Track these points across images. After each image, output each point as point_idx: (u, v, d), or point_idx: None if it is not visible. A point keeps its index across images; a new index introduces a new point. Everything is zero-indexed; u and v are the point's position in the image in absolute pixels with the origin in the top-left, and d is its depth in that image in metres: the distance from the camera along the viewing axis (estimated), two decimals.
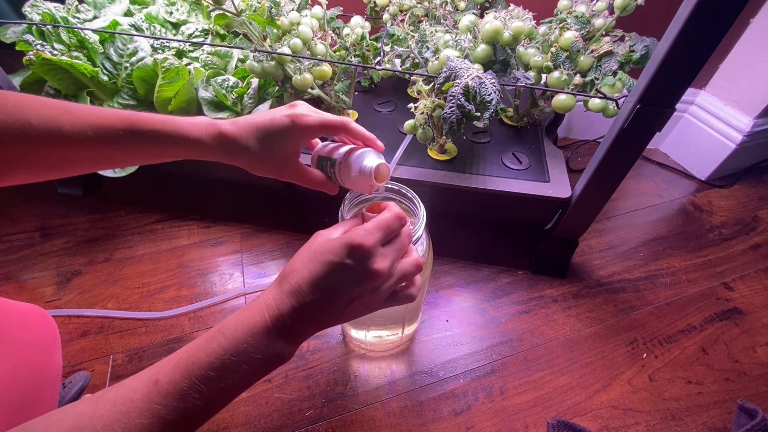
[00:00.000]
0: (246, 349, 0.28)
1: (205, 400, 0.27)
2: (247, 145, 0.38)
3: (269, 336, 0.29)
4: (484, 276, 0.77)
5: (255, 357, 0.29)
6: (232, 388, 0.28)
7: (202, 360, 0.28)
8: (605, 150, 0.58)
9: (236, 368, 0.28)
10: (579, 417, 0.59)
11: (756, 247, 0.85)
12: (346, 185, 0.42)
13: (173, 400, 0.26)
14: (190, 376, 0.27)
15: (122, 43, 0.70)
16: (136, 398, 0.26)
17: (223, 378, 0.28)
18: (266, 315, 0.30)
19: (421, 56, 0.70)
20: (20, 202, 0.87)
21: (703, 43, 0.45)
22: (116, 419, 0.25)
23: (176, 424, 0.26)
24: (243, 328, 0.29)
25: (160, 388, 0.27)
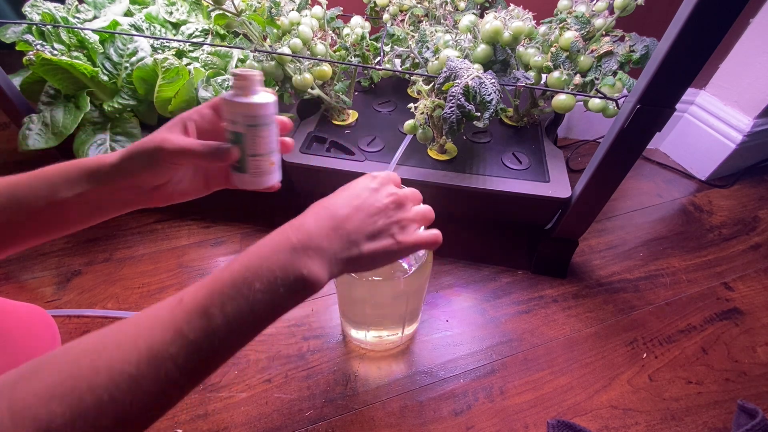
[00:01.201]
0: (268, 266, 0.28)
1: (228, 322, 0.26)
2: (127, 168, 0.34)
3: (293, 252, 0.29)
4: (484, 276, 0.77)
5: (277, 275, 0.28)
6: (256, 312, 0.27)
7: (225, 278, 0.27)
8: (605, 150, 0.58)
9: (259, 287, 0.27)
10: (579, 417, 0.59)
11: (756, 247, 0.85)
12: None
13: (196, 317, 0.26)
14: (212, 294, 0.27)
15: (122, 43, 0.70)
16: (160, 315, 0.26)
17: (245, 296, 0.27)
18: (289, 232, 0.30)
19: (421, 56, 0.70)
20: None
21: (703, 43, 0.45)
22: (140, 334, 0.25)
23: (199, 345, 0.26)
24: (265, 247, 0.29)
25: (183, 305, 0.27)
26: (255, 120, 0.35)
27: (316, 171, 0.71)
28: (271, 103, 0.36)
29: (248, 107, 0.34)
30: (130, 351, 0.24)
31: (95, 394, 0.23)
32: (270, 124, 0.36)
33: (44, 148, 0.69)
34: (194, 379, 0.26)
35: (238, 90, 0.35)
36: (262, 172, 0.38)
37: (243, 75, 0.34)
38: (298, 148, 0.73)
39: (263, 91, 0.36)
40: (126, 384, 0.23)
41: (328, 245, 0.30)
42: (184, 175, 0.38)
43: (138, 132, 0.72)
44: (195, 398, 0.59)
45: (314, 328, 0.68)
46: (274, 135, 0.37)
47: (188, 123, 0.36)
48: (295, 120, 0.80)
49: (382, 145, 0.75)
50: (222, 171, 0.40)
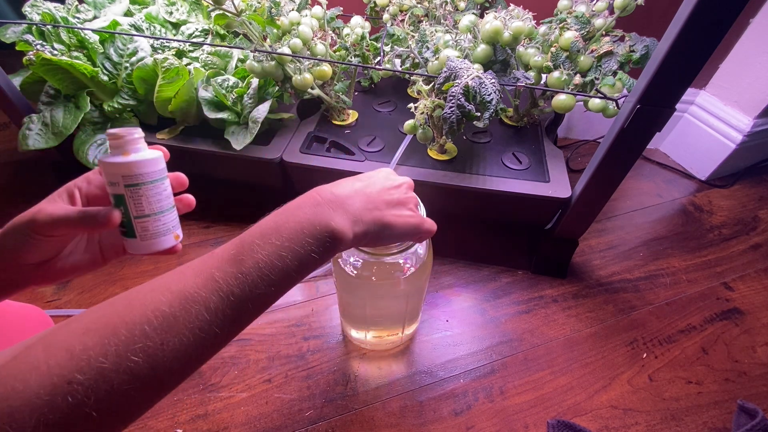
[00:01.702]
0: (296, 218, 0.30)
1: (259, 268, 0.27)
2: (4, 247, 0.31)
3: (318, 206, 0.31)
4: (484, 276, 0.77)
5: (305, 226, 0.29)
6: (285, 262, 0.28)
7: (255, 231, 0.29)
8: (605, 150, 0.58)
9: (287, 236, 0.29)
10: (579, 417, 0.59)
11: (756, 247, 0.85)
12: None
13: (227, 264, 0.27)
14: (243, 244, 0.28)
15: (122, 43, 0.70)
16: (192, 265, 0.27)
17: (275, 245, 0.28)
18: (313, 193, 0.33)
19: (421, 56, 0.70)
20: (20, 202, 0.87)
21: (703, 43, 0.45)
22: (173, 279, 0.26)
23: (231, 291, 0.26)
24: (292, 204, 0.32)
25: (214, 255, 0.28)
26: (134, 180, 0.32)
27: (316, 171, 0.71)
28: (154, 160, 0.33)
29: (125, 167, 0.32)
30: (163, 292, 0.25)
31: (129, 328, 0.23)
32: (155, 182, 0.34)
33: (44, 148, 0.69)
34: (227, 327, 0.26)
35: (114, 150, 0.33)
36: (153, 235, 0.35)
37: (116, 134, 0.32)
38: (298, 148, 0.73)
39: (144, 147, 0.34)
40: (158, 321, 0.24)
41: (352, 203, 0.33)
42: (76, 247, 0.36)
43: None
44: (195, 398, 0.59)
45: (314, 328, 0.68)
46: (164, 192, 0.35)
47: (74, 190, 0.34)
48: (295, 120, 0.80)
49: (382, 145, 0.75)
50: (117, 238, 0.37)
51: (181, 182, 0.38)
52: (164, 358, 0.24)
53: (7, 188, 0.90)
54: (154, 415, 0.58)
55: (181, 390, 0.60)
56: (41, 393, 0.21)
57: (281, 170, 0.75)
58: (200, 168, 0.82)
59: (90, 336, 0.23)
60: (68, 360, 0.22)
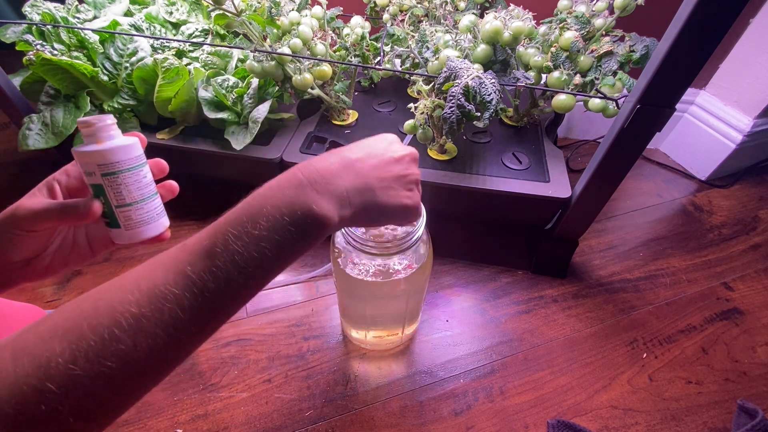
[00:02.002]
0: (274, 203, 0.26)
1: (234, 261, 0.25)
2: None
3: (300, 188, 0.27)
4: (484, 276, 0.77)
5: (284, 211, 0.26)
6: (263, 252, 0.25)
7: (230, 218, 0.26)
8: (605, 150, 0.58)
9: (264, 224, 0.26)
10: (579, 417, 0.59)
11: (756, 247, 0.85)
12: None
13: (199, 258, 0.25)
14: (216, 234, 0.25)
15: (122, 43, 0.70)
16: (163, 259, 0.25)
17: (250, 235, 0.25)
18: (296, 170, 0.28)
19: (421, 56, 0.70)
20: None
21: (703, 43, 0.45)
22: (142, 277, 0.25)
23: (204, 286, 0.24)
24: (272, 185, 0.28)
25: (186, 248, 0.26)
26: (111, 168, 0.31)
27: None
28: (129, 147, 0.32)
29: (99, 155, 0.31)
30: (131, 291, 0.24)
31: (96, 332, 0.22)
32: (133, 170, 0.32)
33: (44, 148, 0.69)
34: (203, 324, 0.25)
35: (87, 138, 0.32)
36: (138, 224, 0.34)
37: (87, 122, 0.31)
38: (298, 148, 0.73)
39: (118, 135, 0.33)
40: (128, 323, 0.22)
41: (339, 182, 0.29)
42: (63, 242, 0.35)
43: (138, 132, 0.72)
44: (195, 398, 0.59)
45: (314, 328, 0.68)
46: (144, 179, 0.34)
47: (54, 184, 0.33)
48: (295, 120, 0.80)
49: None
50: (105, 230, 0.35)
51: (161, 168, 0.37)
52: (139, 359, 0.23)
53: (7, 188, 0.90)
54: (154, 415, 0.58)
55: (181, 390, 0.60)
56: (12, 402, 0.20)
57: (281, 170, 0.74)
58: (200, 168, 0.82)
59: (57, 342, 0.22)
60: (36, 368, 0.21)
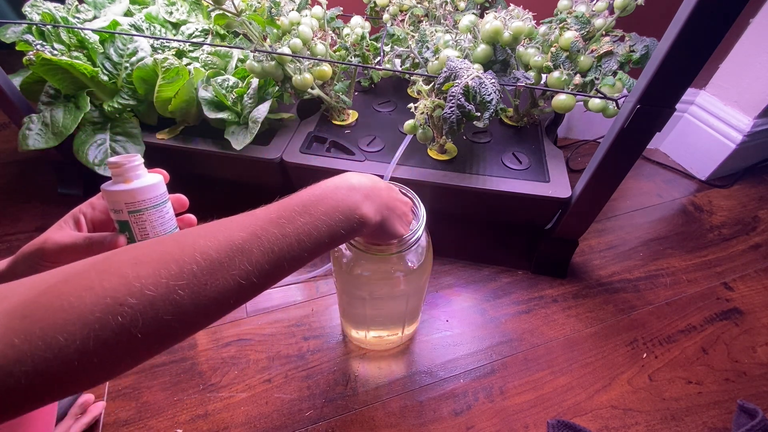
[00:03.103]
0: (332, 197, 0.33)
1: (297, 233, 0.30)
2: (14, 274, 0.34)
3: (352, 190, 0.34)
4: (484, 276, 0.77)
5: (338, 206, 0.32)
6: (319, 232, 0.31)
7: (294, 201, 0.32)
8: (605, 150, 0.58)
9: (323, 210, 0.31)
10: (579, 417, 0.59)
11: (756, 247, 0.85)
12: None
13: (269, 224, 0.29)
14: (284, 210, 0.30)
15: (122, 43, 0.70)
16: (236, 220, 0.29)
17: (312, 215, 0.31)
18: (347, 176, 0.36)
19: (421, 56, 0.70)
20: (20, 202, 0.87)
21: (703, 43, 0.45)
22: (220, 230, 0.28)
23: (271, 248, 0.28)
24: (329, 183, 0.34)
25: (256, 215, 0.30)
26: (138, 206, 0.34)
27: (316, 171, 0.71)
28: (155, 185, 0.34)
29: (128, 194, 0.33)
30: (210, 239, 0.27)
31: (178, 265, 0.25)
32: (157, 207, 0.35)
33: (44, 148, 0.69)
34: (263, 279, 0.28)
35: (116, 177, 0.34)
36: None
37: (117, 162, 0.33)
38: (298, 148, 0.73)
39: (145, 173, 0.35)
40: (206, 263, 0.26)
41: (378, 196, 0.37)
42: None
43: (138, 132, 0.72)
44: (195, 398, 0.59)
45: (314, 328, 0.68)
46: (167, 215, 0.36)
47: (80, 216, 0.36)
48: (295, 120, 0.80)
49: (382, 145, 0.75)
50: None
51: (182, 203, 0.40)
52: (206, 298, 0.25)
53: (7, 188, 0.90)
54: (154, 415, 0.58)
55: (181, 390, 0.60)
56: (95, 310, 0.22)
57: (281, 170, 0.75)
58: (200, 168, 0.82)
59: (142, 266, 0.24)
60: (122, 285, 0.23)
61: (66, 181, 0.88)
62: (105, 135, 0.71)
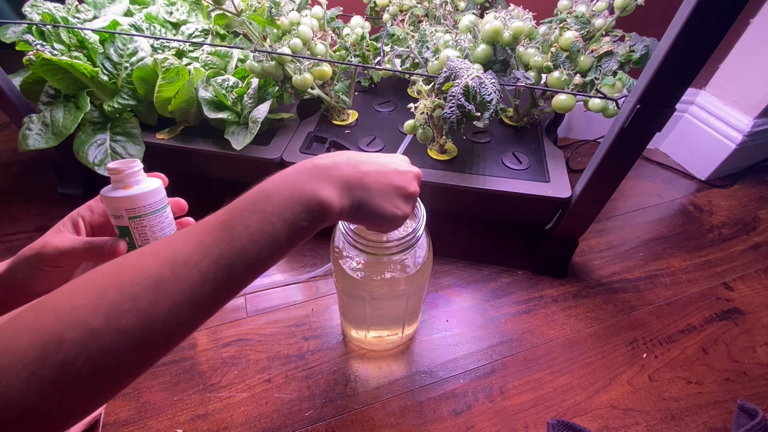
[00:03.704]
0: (286, 186, 0.29)
1: (249, 233, 0.27)
2: (13, 278, 0.33)
3: (309, 174, 0.30)
4: (484, 276, 0.77)
5: (294, 194, 0.29)
6: (275, 229, 0.28)
7: (245, 198, 0.29)
8: (605, 150, 0.58)
9: (277, 202, 0.28)
10: (579, 417, 0.59)
11: (756, 247, 0.85)
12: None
13: (217, 229, 0.27)
14: (233, 211, 0.28)
15: (122, 43, 0.70)
16: (182, 232, 0.27)
17: (265, 212, 0.28)
18: (305, 161, 0.32)
19: (421, 56, 0.70)
20: (20, 202, 0.87)
21: (703, 43, 0.45)
22: (162, 245, 0.26)
23: (221, 254, 0.26)
24: (283, 172, 0.31)
25: (203, 222, 0.28)
26: (138, 212, 0.34)
27: None
28: (155, 191, 0.34)
29: (128, 201, 0.33)
30: (152, 258, 0.25)
31: (118, 289, 0.23)
32: (157, 212, 0.35)
33: (44, 148, 0.69)
34: (218, 290, 0.26)
35: (115, 183, 0.34)
36: None
37: (116, 168, 0.33)
38: (298, 148, 0.73)
39: (144, 179, 0.35)
40: (149, 282, 0.24)
41: (340, 174, 0.32)
42: (83, 271, 0.37)
43: (138, 132, 0.72)
44: (195, 398, 0.59)
45: (314, 328, 0.68)
46: (167, 220, 0.36)
47: (78, 220, 0.35)
48: (295, 120, 0.80)
49: (382, 145, 0.75)
50: None
51: (181, 207, 0.39)
52: (156, 318, 0.24)
53: (7, 188, 0.90)
54: (154, 415, 0.58)
55: (181, 390, 0.60)
56: (32, 350, 0.21)
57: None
58: (200, 168, 0.82)
59: (78, 297, 0.23)
60: (57, 320, 0.22)
61: (66, 181, 0.88)
62: (105, 135, 0.71)
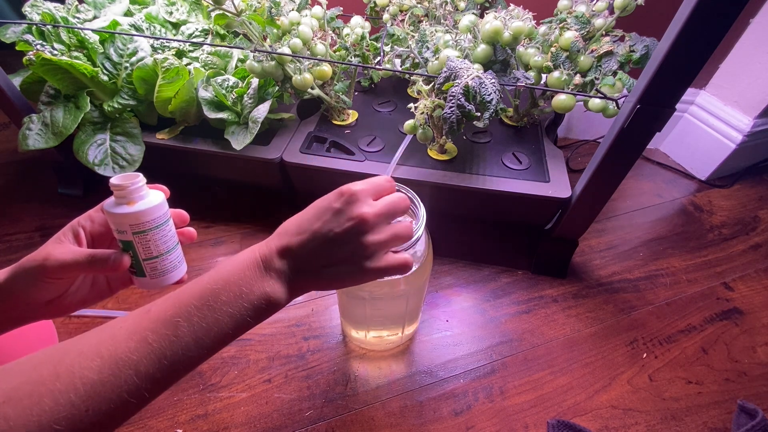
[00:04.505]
0: (235, 281, 0.29)
1: (194, 332, 0.27)
2: (13, 287, 0.33)
3: (258, 271, 0.30)
4: (484, 276, 0.77)
5: (243, 291, 0.29)
6: (221, 325, 0.28)
7: (194, 291, 0.29)
8: (605, 150, 0.58)
9: (225, 299, 0.28)
10: (579, 417, 0.59)
11: (756, 247, 0.85)
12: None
13: (162, 326, 0.26)
14: (180, 305, 0.27)
15: (122, 43, 0.70)
16: (125, 325, 0.27)
17: (212, 308, 0.28)
18: (256, 253, 0.31)
19: (421, 56, 0.70)
20: (20, 202, 0.87)
21: (703, 43, 0.45)
22: (103, 341, 0.25)
23: (163, 353, 0.26)
24: (233, 263, 0.30)
25: (150, 315, 0.27)
26: (142, 227, 0.33)
27: (316, 171, 0.71)
28: (158, 205, 0.34)
29: (132, 217, 0.33)
30: (92, 358, 0.25)
31: (53, 398, 0.23)
32: (161, 226, 0.35)
33: (44, 148, 0.69)
34: (155, 389, 0.26)
35: (119, 199, 0.33)
36: (162, 273, 0.36)
37: (120, 185, 0.32)
38: (298, 148, 0.73)
39: (148, 193, 0.34)
40: (86, 389, 0.23)
41: (285, 267, 0.31)
42: (83, 283, 0.37)
43: (138, 132, 0.72)
44: (195, 398, 0.59)
45: (314, 328, 0.68)
46: (170, 233, 0.36)
47: (79, 230, 0.35)
48: (295, 120, 0.80)
49: (382, 145, 0.75)
50: (124, 272, 0.36)
51: (182, 219, 0.39)
52: (87, 422, 0.23)
53: (7, 188, 0.90)
54: (154, 415, 0.58)
55: (181, 390, 0.60)
56: None
57: (281, 170, 0.75)
58: (200, 168, 0.82)
59: (11, 405, 0.22)
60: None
61: (66, 181, 0.88)
62: (105, 135, 0.71)
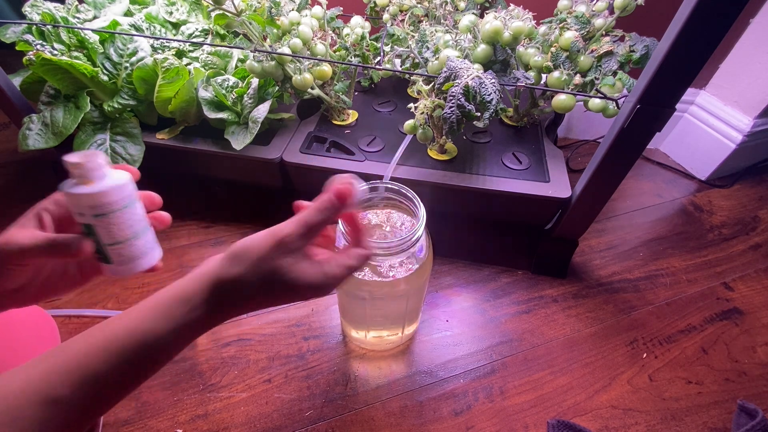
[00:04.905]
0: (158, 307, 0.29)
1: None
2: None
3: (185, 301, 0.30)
4: (484, 276, 0.77)
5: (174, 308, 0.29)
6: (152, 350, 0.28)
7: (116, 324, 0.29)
8: (605, 150, 0.58)
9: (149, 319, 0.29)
10: (579, 417, 0.59)
11: (756, 247, 0.85)
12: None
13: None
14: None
15: (122, 43, 0.70)
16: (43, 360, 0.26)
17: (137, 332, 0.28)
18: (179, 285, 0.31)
19: (421, 56, 0.70)
20: (20, 202, 0.87)
21: (703, 43, 0.45)
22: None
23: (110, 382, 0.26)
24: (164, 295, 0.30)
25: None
26: (102, 209, 0.30)
27: (316, 171, 0.71)
28: (120, 187, 0.31)
29: (89, 198, 0.30)
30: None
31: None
32: (124, 209, 0.31)
33: (44, 148, 0.69)
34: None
35: (77, 179, 0.30)
36: (129, 259, 0.33)
37: (77, 163, 0.29)
38: (298, 148, 0.73)
39: (110, 173, 0.31)
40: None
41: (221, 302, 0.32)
42: (53, 271, 0.35)
43: (138, 132, 0.72)
44: (195, 398, 0.59)
45: (314, 328, 0.68)
46: (136, 216, 0.33)
47: (43, 214, 0.33)
48: (295, 120, 0.80)
49: (382, 145, 0.75)
50: (93, 259, 0.34)
51: (153, 202, 0.36)
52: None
53: (7, 188, 0.90)
54: (154, 415, 0.58)
55: (181, 390, 0.60)
56: None
57: (281, 170, 0.75)
58: (200, 168, 0.82)
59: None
60: None
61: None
62: (105, 135, 0.71)
